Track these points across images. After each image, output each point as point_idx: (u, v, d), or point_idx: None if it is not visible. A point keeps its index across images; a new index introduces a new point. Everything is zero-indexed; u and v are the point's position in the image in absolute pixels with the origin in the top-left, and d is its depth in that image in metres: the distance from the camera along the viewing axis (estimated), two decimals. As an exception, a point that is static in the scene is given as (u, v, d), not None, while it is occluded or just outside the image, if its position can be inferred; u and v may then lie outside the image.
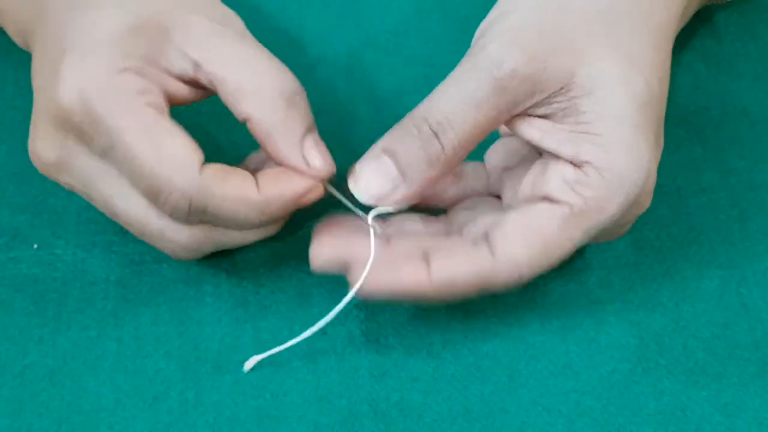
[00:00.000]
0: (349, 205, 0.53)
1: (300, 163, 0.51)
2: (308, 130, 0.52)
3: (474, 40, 0.53)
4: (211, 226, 0.52)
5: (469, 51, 0.51)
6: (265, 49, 0.53)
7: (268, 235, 0.54)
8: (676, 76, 0.62)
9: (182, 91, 0.52)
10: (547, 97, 0.50)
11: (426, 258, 0.50)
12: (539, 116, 0.51)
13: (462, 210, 0.54)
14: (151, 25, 0.50)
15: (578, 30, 0.50)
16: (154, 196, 0.49)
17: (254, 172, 0.52)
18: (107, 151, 0.50)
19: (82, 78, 0.49)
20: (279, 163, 0.52)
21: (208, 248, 0.53)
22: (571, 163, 0.50)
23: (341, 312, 0.53)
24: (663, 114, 0.51)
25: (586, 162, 0.49)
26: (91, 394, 0.53)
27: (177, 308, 0.56)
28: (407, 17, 0.65)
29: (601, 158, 0.49)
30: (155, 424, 0.52)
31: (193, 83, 0.52)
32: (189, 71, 0.51)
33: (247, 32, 0.53)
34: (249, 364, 0.54)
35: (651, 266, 0.57)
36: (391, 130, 0.52)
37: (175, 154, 0.49)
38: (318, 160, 0.52)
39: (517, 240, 0.49)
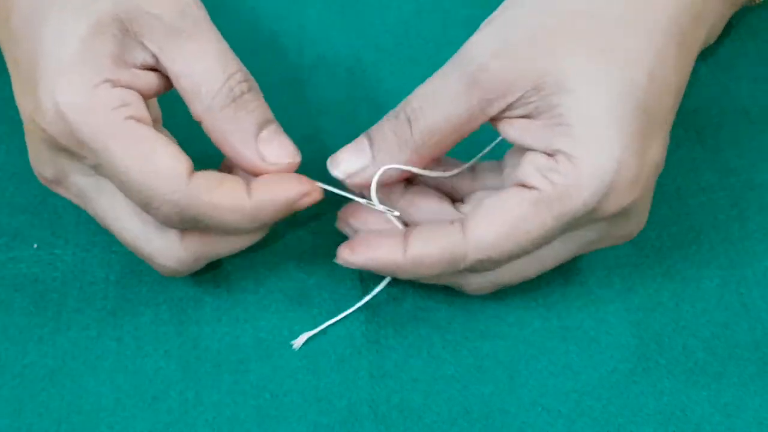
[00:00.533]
0: (358, 199, 0.53)
1: (255, 160, 0.51)
2: (262, 125, 0.52)
3: None
4: (202, 245, 0.52)
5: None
6: (221, 42, 0.52)
7: (258, 239, 0.53)
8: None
9: (153, 81, 0.51)
10: (521, 97, 0.50)
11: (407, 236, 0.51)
12: (518, 117, 0.51)
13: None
14: (111, 20, 0.50)
15: (557, 29, 0.50)
16: (145, 206, 0.49)
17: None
18: (97, 168, 0.50)
19: (59, 102, 0.48)
20: (236, 164, 0.52)
21: (198, 267, 0.54)
22: (545, 153, 0.50)
23: (341, 312, 0.54)
24: (659, 106, 0.50)
25: (558, 151, 0.49)
26: (91, 394, 0.53)
27: (177, 308, 0.56)
28: (407, 17, 0.65)
29: (571, 147, 0.49)
30: (155, 423, 0.52)
31: (159, 72, 0.52)
32: (151, 62, 0.51)
33: (207, 23, 0.52)
34: (299, 342, 0.54)
35: (651, 266, 0.57)
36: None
37: (161, 166, 0.49)
38: (275, 154, 0.51)
39: (485, 220, 0.50)
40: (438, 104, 0.51)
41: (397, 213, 0.53)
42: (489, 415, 0.52)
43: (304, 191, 0.51)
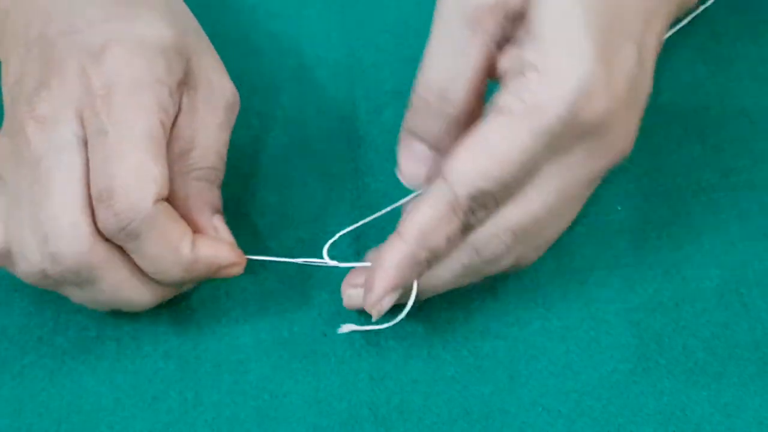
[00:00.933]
0: (304, 261, 0.55)
1: (209, 230, 0.53)
2: (217, 210, 0.54)
3: None
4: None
5: None
6: (226, 143, 0.55)
7: (165, 298, 0.53)
8: (676, 76, 0.62)
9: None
10: (513, 24, 0.49)
11: None
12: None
13: None
14: (185, 54, 0.53)
15: None
16: (108, 194, 0.49)
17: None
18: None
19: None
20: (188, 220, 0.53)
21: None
22: (520, 73, 0.48)
23: (341, 315, 0.54)
24: (628, 14, 0.49)
25: (528, 66, 0.48)
26: (91, 394, 0.53)
27: (176, 308, 0.55)
28: (407, 17, 0.65)
29: (541, 59, 0.47)
30: (154, 423, 0.52)
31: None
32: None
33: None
34: (345, 329, 0.53)
35: (651, 266, 0.57)
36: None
37: (147, 172, 0.49)
38: (225, 235, 0.54)
39: (462, 154, 0.48)
40: (445, 61, 0.51)
41: (368, 263, 0.52)
42: (489, 416, 0.52)
43: (237, 261, 0.53)
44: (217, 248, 0.52)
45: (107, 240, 0.49)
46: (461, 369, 0.54)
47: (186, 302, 0.55)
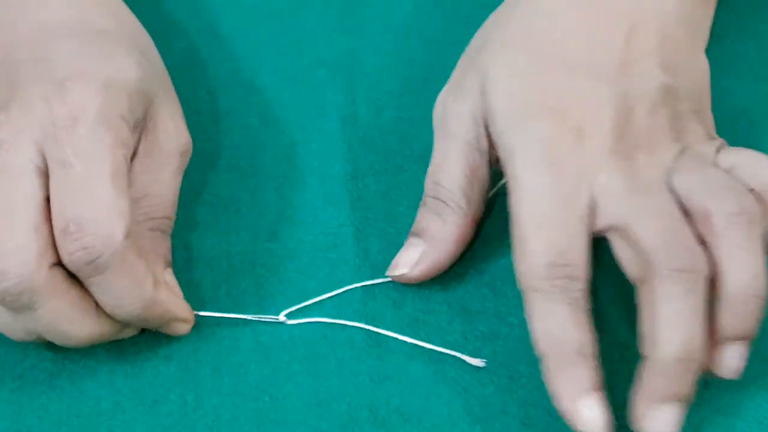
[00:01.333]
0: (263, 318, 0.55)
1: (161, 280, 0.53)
2: (168, 263, 0.54)
3: (469, 49, 0.57)
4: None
5: None
6: (177, 190, 0.55)
7: (102, 339, 0.53)
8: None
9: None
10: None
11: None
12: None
13: None
14: (147, 96, 0.53)
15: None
16: (76, 227, 0.48)
17: None
18: None
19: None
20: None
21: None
22: None
23: (341, 316, 0.54)
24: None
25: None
26: (91, 397, 0.53)
27: (176, 310, 0.56)
28: (407, 17, 0.65)
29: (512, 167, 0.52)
30: (155, 426, 0.52)
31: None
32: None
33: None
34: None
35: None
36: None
37: (116, 206, 0.49)
38: (175, 288, 0.54)
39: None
40: (448, 169, 0.54)
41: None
42: (489, 418, 0.52)
43: (188, 318, 0.54)
44: (174, 298, 0.53)
45: (58, 268, 0.49)
46: (461, 370, 0.54)
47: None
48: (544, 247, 0.49)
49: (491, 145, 0.54)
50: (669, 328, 0.49)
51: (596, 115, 0.51)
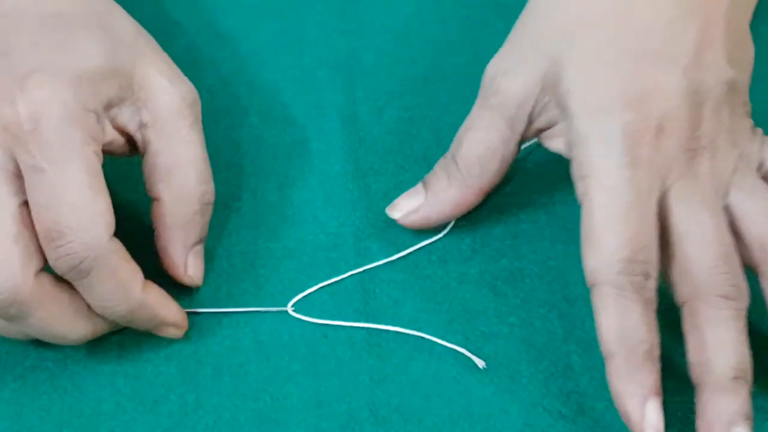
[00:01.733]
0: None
1: (180, 266, 0.53)
2: (200, 241, 0.54)
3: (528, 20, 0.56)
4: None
5: None
6: (203, 145, 0.54)
7: (97, 334, 0.53)
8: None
9: (117, 143, 0.52)
10: (536, 103, 0.52)
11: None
12: (549, 126, 0.53)
13: None
14: (121, 72, 0.52)
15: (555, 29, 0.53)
16: (57, 233, 0.48)
17: None
18: None
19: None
20: (162, 254, 0.53)
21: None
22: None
23: (341, 316, 0.54)
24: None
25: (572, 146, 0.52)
26: (92, 398, 0.53)
27: (177, 311, 0.56)
28: (407, 17, 0.65)
29: (577, 139, 0.51)
30: (155, 427, 0.52)
31: (126, 137, 0.53)
32: (129, 127, 0.52)
33: (199, 124, 0.54)
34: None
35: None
36: None
37: (94, 210, 0.48)
38: (194, 271, 0.54)
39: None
40: (473, 135, 0.54)
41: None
42: (490, 417, 0.52)
43: (180, 323, 0.54)
44: (164, 303, 0.53)
45: (45, 274, 0.49)
46: (462, 370, 0.54)
47: (186, 305, 0.55)
48: (624, 241, 0.49)
49: (528, 126, 0.53)
50: (721, 350, 0.49)
51: (674, 110, 0.51)
